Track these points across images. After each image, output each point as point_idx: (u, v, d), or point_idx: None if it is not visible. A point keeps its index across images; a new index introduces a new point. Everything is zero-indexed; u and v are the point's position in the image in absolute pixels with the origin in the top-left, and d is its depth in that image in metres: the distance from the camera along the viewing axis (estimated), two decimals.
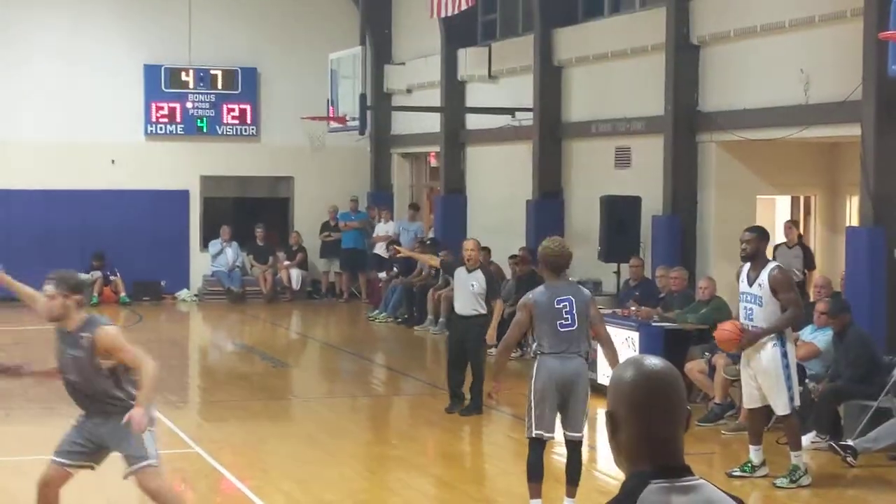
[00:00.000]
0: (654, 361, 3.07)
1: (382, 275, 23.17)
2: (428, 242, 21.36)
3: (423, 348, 19.70)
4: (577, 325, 9.02)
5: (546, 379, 9.01)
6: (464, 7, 19.59)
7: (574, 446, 9.19)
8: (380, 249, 23.74)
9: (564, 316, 9.01)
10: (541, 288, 9.26)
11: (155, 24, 24.91)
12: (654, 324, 14.14)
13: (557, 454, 10.48)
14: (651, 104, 17.01)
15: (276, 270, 25.14)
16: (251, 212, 25.75)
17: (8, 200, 23.93)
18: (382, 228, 24.23)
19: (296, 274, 25.19)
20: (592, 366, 11.39)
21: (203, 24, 24.99)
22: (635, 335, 13.78)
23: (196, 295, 25.06)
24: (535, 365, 9.12)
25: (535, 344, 9.26)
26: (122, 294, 24.02)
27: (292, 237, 25.63)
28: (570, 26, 19.41)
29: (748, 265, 10.51)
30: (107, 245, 23.99)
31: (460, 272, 13.53)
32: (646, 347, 13.48)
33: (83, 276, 7.73)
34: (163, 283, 24.84)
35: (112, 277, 24.13)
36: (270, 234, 25.51)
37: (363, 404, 15.16)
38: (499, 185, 21.66)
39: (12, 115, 24.11)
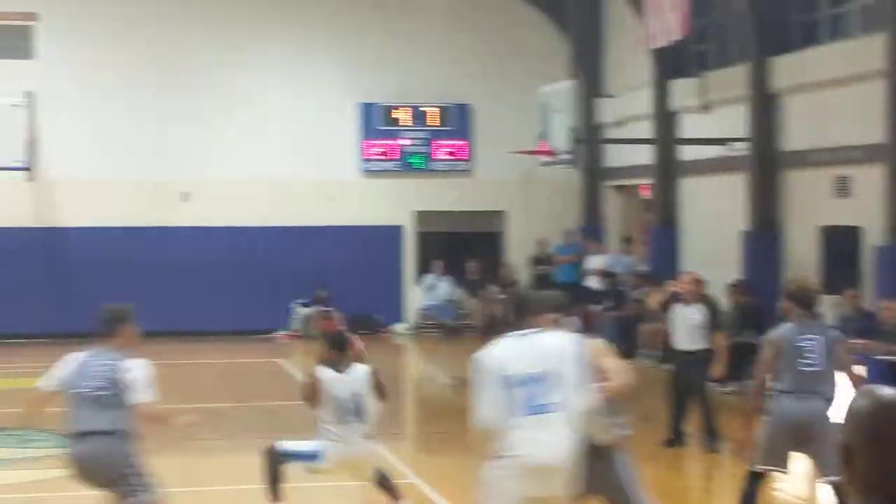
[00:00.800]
0: (890, 392, 3.03)
1: (596, 308, 23.09)
2: (641, 275, 21.24)
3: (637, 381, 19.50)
4: (821, 366, 8.71)
5: (780, 419, 8.71)
6: (675, 38, 19.47)
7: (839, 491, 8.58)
8: (592, 282, 23.68)
9: (808, 355, 8.71)
10: (787, 325, 9.01)
11: (369, 63, 25.50)
12: (878, 357, 13.73)
13: (774, 489, 10.26)
14: (871, 131, 16.57)
15: (490, 304, 25.32)
16: (464, 246, 26.02)
17: (232, 236, 24.78)
18: (595, 261, 24.18)
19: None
20: None
21: (416, 61, 25.47)
22: (860, 368, 13.40)
23: (411, 328, 25.45)
24: (772, 403, 8.83)
25: (775, 382, 8.97)
26: (341, 328, 24.50)
27: (505, 271, 25.81)
28: (786, 54, 19.08)
29: None
30: (325, 279, 24.57)
31: (679, 307, 13.39)
32: (872, 381, 13.10)
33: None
34: (379, 317, 25.30)
35: (330, 312, 24.65)
36: (483, 267, 25.72)
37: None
38: (712, 216, 21.38)
39: (232, 155, 24.98)
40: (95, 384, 8.18)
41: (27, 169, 22.80)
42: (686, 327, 13.22)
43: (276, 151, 25.13)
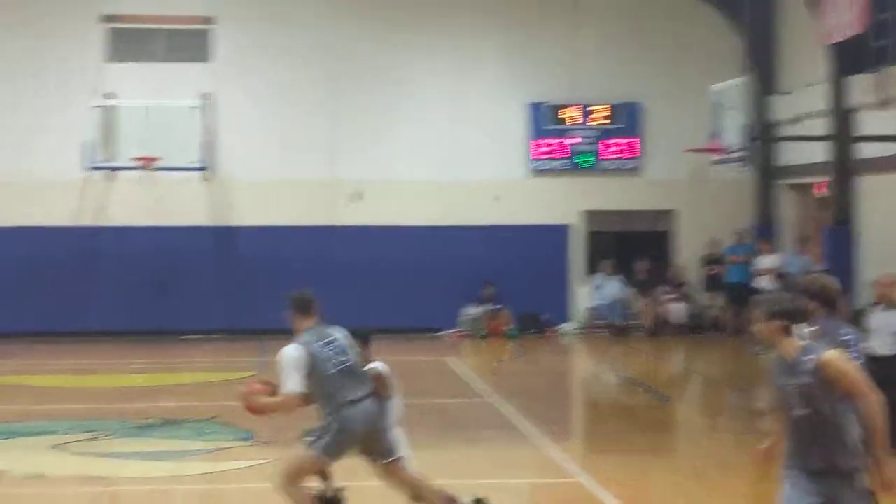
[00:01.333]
0: None
1: None
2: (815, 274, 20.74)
3: None
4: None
5: None
6: (853, 32, 18.99)
7: None
8: (763, 283, 23.26)
9: (853, 351, 8.33)
10: (822, 321, 8.70)
11: (539, 63, 25.49)
12: None
13: None
14: None
15: (659, 304, 25.10)
16: (633, 245, 25.83)
17: (401, 235, 25.02)
18: (765, 261, 23.75)
19: (678, 308, 25.06)
20: None
21: (586, 60, 25.35)
22: None
23: (579, 328, 25.37)
24: None
25: None
26: (509, 327, 24.62)
27: (675, 271, 25.55)
28: None
29: None
30: (492, 279, 24.67)
31: (878, 310, 12.98)
32: None
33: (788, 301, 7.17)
34: (546, 316, 25.26)
35: (498, 311, 24.74)
36: (652, 267, 25.50)
37: (750, 440, 14.85)
38: (891, 215, 20.77)
39: (402, 155, 25.23)
40: (345, 358, 9.10)
41: (204, 169, 23.42)
42: (887, 332, 12.77)
43: (445, 151, 25.31)
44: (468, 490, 11.49)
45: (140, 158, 22.57)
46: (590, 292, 25.39)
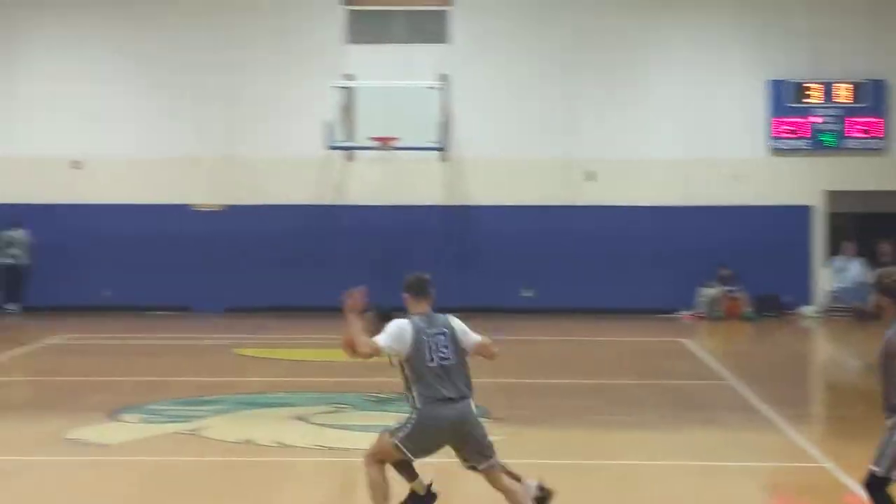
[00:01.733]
0: None
1: None
2: None
3: None
4: None
5: None
6: None
7: None
8: None
9: None
10: None
11: (780, 39, 24.89)
12: None
13: None
14: None
15: None
16: (877, 227, 25.00)
17: (635, 215, 24.80)
18: None
19: None
20: None
21: (828, 36, 24.64)
22: None
23: (820, 311, 24.71)
24: None
25: None
26: (746, 309, 24.15)
27: None
28: None
29: None
30: (729, 260, 24.26)
31: None
32: None
33: None
34: (786, 299, 24.69)
35: (736, 293, 24.31)
36: None
37: None
38: None
39: (637, 134, 25.00)
40: (447, 353, 8.57)
41: (440, 149, 23.69)
42: None
43: (682, 130, 24.97)
44: (705, 472, 11.36)
45: (378, 138, 22.99)
46: (831, 275, 24.71)
